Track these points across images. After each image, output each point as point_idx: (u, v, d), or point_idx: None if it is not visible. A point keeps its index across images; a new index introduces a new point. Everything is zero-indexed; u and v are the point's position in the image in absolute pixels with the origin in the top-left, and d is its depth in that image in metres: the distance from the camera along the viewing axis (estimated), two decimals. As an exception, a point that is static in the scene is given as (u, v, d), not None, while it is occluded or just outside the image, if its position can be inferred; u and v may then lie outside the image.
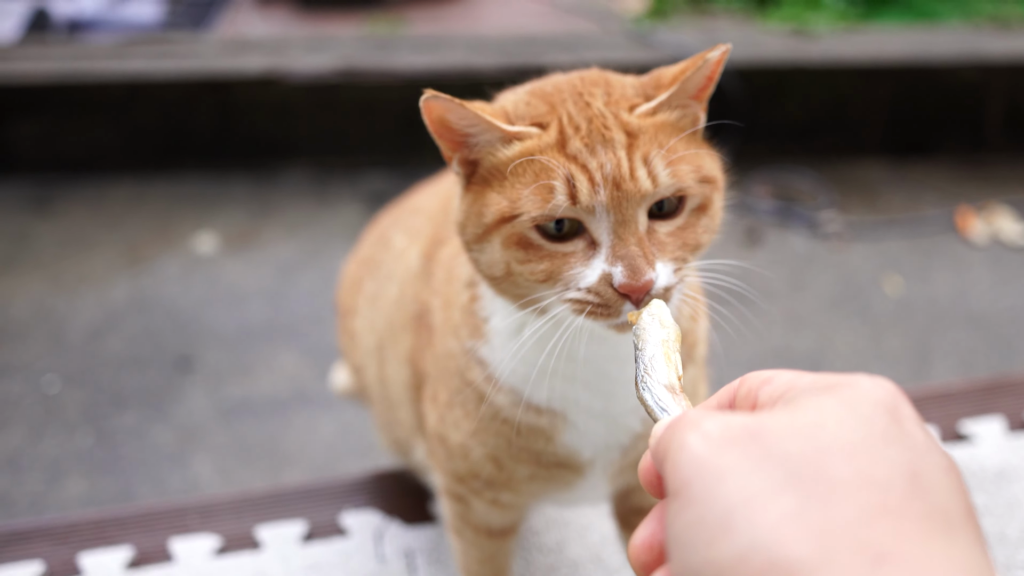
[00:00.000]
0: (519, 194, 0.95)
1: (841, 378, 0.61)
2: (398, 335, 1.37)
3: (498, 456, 1.18)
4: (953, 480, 0.56)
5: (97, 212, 4.11)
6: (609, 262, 0.93)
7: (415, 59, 4.21)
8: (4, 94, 4.19)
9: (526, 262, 0.96)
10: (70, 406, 3.13)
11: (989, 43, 4.37)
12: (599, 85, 1.01)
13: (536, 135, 0.97)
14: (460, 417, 1.18)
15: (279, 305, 3.57)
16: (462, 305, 1.15)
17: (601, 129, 0.95)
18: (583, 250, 0.95)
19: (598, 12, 5.12)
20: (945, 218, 4.01)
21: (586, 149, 0.94)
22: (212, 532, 1.56)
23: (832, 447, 0.55)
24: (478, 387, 1.13)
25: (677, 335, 0.84)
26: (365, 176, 4.24)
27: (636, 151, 0.94)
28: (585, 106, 0.98)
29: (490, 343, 1.11)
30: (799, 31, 4.50)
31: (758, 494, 0.54)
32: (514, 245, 0.96)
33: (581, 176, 0.92)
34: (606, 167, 0.92)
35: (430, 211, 1.42)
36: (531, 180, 0.94)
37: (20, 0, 5.09)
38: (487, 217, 0.97)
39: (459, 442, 1.19)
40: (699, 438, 0.59)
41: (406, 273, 1.37)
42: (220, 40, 4.58)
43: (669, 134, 0.97)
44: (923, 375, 3.23)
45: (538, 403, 1.11)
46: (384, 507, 1.62)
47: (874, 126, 4.41)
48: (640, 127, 0.96)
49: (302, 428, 3.06)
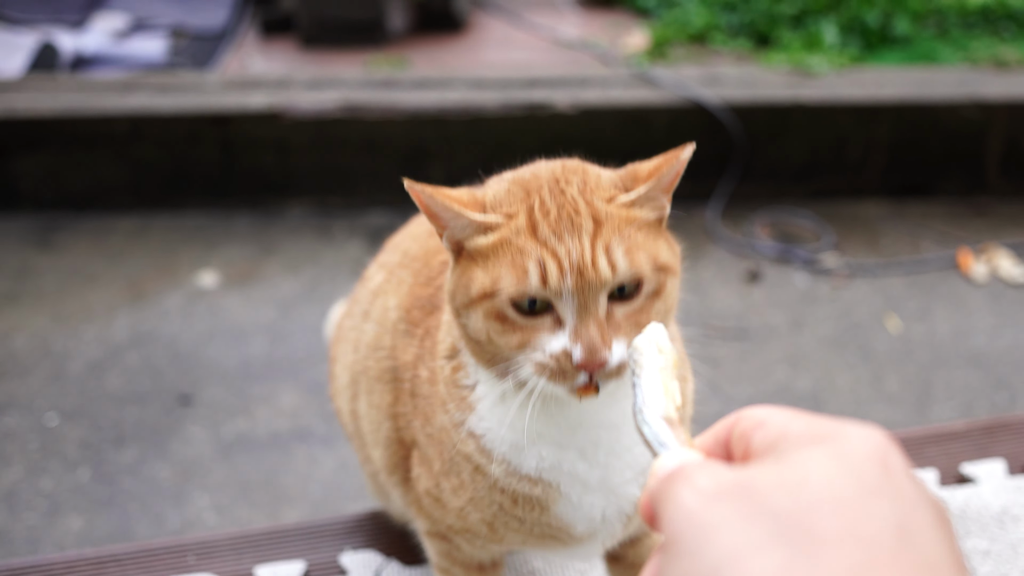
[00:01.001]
0: (498, 274, 1.05)
1: (831, 428, 0.61)
2: (374, 384, 1.39)
3: (493, 522, 1.22)
4: (942, 532, 0.56)
5: (99, 247, 4.13)
6: (571, 339, 1.02)
7: (417, 97, 4.24)
8: (9, 129, 4.22)
9: (502, 333, 1.06)
10: (69, 441, 3.13)
11: (988, 84, 4.40)
12: (576, 173, 1.10)
13: (505, 223, 1.06)
14: (457, 486, 1.23)
15: (280, 341, 3.57)
16: (446, 377, 1.21)
17: (571, 215, 1.04)
18: (550, 325, 1.04)
19: (599, 50, 5.16)
20: (945, 258, 4.02)
21: (554, 235, 1.04)
22: (210, 571, 1.56)
23: (820, 503, 0.56)
24: (472, 459, 1.18)
25: (675, 360, 0.84)
26: (367, 213, 4.26)
27: (599, 239, 1.03)
28: (559, 192, 1.07)
29: (477, 412, 1.17)
30: (799, 71, 4.53)
31: (747, 550, 0.54)
32: (493, 318, 1.06)
33: (551, 261, 1.02)
34: (572, 254, 1.02)
35: (410, 253, 1.45)
36: (508, 263, 1.05)
37: (27, 36, 5.14)
38: (472, 292, 1.07)
39: (457, 507, 1.24)
40: (691, 492, 0.60)
41: (383, 319, 1.40)
42: (224, 77, 4.62)
43: (632, 224, 1.06)
44: (924, 415, 3.22)
45: (529, 472, 1.16)
46: (383, 547, 1.62)
47: (874, 166, 4.43)
48: (607, 215, 1.05)
49: (302, 465, 3.05)
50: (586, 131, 4.21)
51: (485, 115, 4.14)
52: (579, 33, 5.53)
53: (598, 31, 5.54)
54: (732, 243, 4.07)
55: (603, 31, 5.52)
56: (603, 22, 5.70)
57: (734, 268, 3.92)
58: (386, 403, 1.36)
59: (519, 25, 5.64)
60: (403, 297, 1.37)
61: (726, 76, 4.51)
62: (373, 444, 1.43)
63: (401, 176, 1.13)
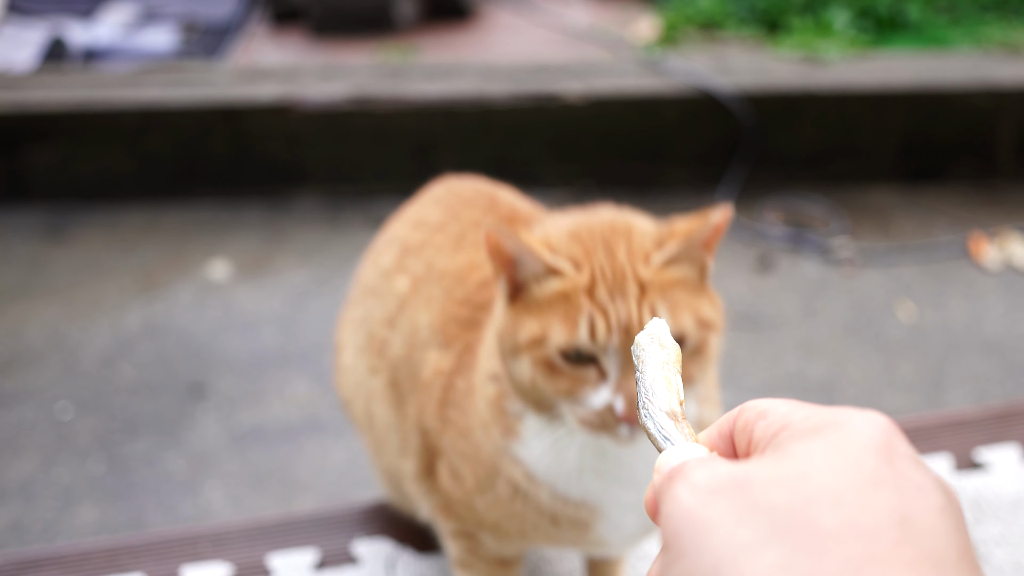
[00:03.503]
0: (550, 324, 1.13)
1: (833, 417, 0.60)
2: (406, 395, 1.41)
3: (527, 532, 1.28)
4: (948, 520, 0.55)
5: (111, 239, 4.14)
6: (613, 392, 1.10)
7: (427, 87, 4.23)
8: (20, 122, 4.23)
9: (549, 380, 1.13)
10: (83, 433, 3.14)
11: (1000, 69, 4.37)
12: (622, 235, 1.17)
13: (572, 275, 1.14)
14: (492, 503, 1.27)
15: (291, 332, 3.57)
16: (488, 398, 1.25)
17: (621, 280, 1.12)
18: (595, 378, 1.12)
19: (609, 39, 5.15)
20: (958, 244, 4.00)
21: (608, 297, 1.12)
22: (224, 560, 1.56)
23: (819, 496, 0.55)
24: (517, 484, 1.24)
25: (677, 356, 0.84)
26: (377, 203, 4.26)
27: (645, 302, 1.12)
28: (611, 257, 1.15)
29: (523, 440, 1.22)
30: (809, 58, 4.51)
31: (745, 547, 0.54)
32: (541, 365, 1.13)
33: (600, 320, 1.10)
34: (621, 314, 1.10)
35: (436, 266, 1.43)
36: (562, 314, 1.12)
37: (37, 30, 5.15)
38: (521, 337, 1.14)
39: (493, 520, 1.29)
40: (687, 490, 0.59)
41: (412, 334, 1.40)
42: (234, 68, 4.62)
43: (674, 285, 1.14)
44: (937, 402, 3.21)
45: (575, 498, 1.22)
46: (396, 536, 1.62)
47: (885, 152, 4.40)
48: (651, 280, 1.13)
49: (314, 455, 3.05)
50: (596, 120, 4.20)
51: (495, 104, 4.13)
52: (588, 21, 5.51)
53: (607, 19, 5.52)
54: (743, 230, 4.05)
55: (612, 19, 5.50)
56: (612, 10, 5.68)
57: (745, 255, 3.91)
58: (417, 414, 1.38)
59: (528, 13, 5.63)
60: (435, 316, 1.39)
61: (736, 63, 4.49)
62: (402, 453, 1.44)
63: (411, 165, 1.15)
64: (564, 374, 1.12)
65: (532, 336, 1.13)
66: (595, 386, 1.11)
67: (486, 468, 1.26)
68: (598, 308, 1.11)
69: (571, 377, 1.12)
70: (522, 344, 1.14)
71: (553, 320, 1.13)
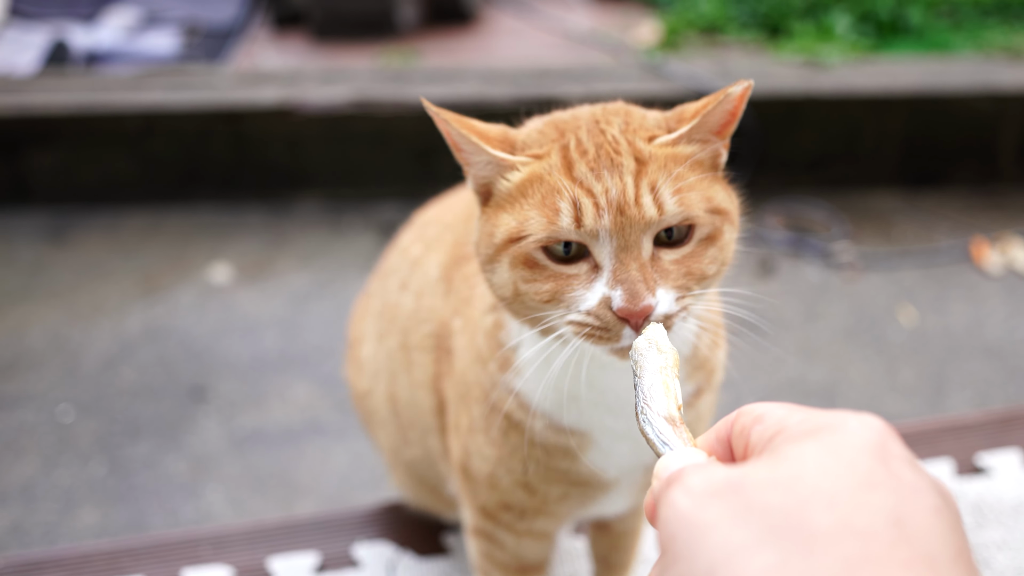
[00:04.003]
0: (527, 215, 0.97)
1: (828, 419, 0.61)
2: (415, 355, 1.34)
3: (528, 481, 1.18)
4: (942, 521, 0.55)
5: (113, 242, 4.14)
6: (609, 286, 0.93)
7: (429, 91, 4.23)
8: (22, 125, 4.24)
9: (531, 281, 0.97)
10: (84, 436, 3.14)
11: (1002, 73, 4.37)
12: (618, 114, 1.03)
13: (532, 162, 0.99)
14: (483, 444, 1.18)
15: (292, 335, 3.57)
16: (486, 330, 1.15)
17: (611, 154, 0.96)
18: (586, 273, 0.96)
19: (611, 43, 5.15)
20: (959, 249, 4.00)
21: (591, 173, 0.95)
22: (225, 563, 1.56)
23: (813, 497, 0.55)
24: (511, 415, 1.14)
25: (675, 360, 0.84)
26: (378, 207, 4.26)
27: (644, 178, 0.95)
28: (599, 132, 0.99)
29: (520, 371, 1.11)
30: (811, 62, 4.51)
31: (740, 548, 0.54)
32: (521, 265, 0.98)
33: (586, 200, 0.93)
34: (611, 192, 0.93)
35: (446, 221, 1.42)
36: (539, 202, 0.96)
37: (39, 33, 5.15)
38: (497, 237, 0.99)
39: (487, 472, 1.20)
40: (683, 493, 0.59)
41: (423, 282, 1.36)
42: (235, 72, 4.63)
43: (683, 165, 0.97)
44: (938, 407, 3.21)
45: (567, 426, 1.13)
46: (397, 539, 1.62)
47: (887, 157, 4.41)
48: (652, 155, 0.97)
49: (315, 458, 3.05)
50: (597, 123, 4.20)
51: (496, 108, 4.13)
52: (590, 25, 5.51)
53: (609, 23, 5.52)
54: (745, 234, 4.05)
55: (614, 23, 5.51)
56: (614, 14, 5.68)
57: (747, 259, 3.90)
58: (429, 375, 1.32)
59: (529, 18, 5.63)
60: (445, 256, 1.33)
61: (738, 68, 4.50)
62: (425, 431, 1.39)
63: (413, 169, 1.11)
64: (548, 273, 0.96)
65: (508, 232, 0.98)
66: (587, 283, 0.95)
67: (481, 406, 1.17)
68: (583, 188, 0.94)
69: (557, 276, 0.96)
70: (498, 244, 0.98)
71: (529, 211, 0.97)
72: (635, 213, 0.93)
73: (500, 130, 1.06)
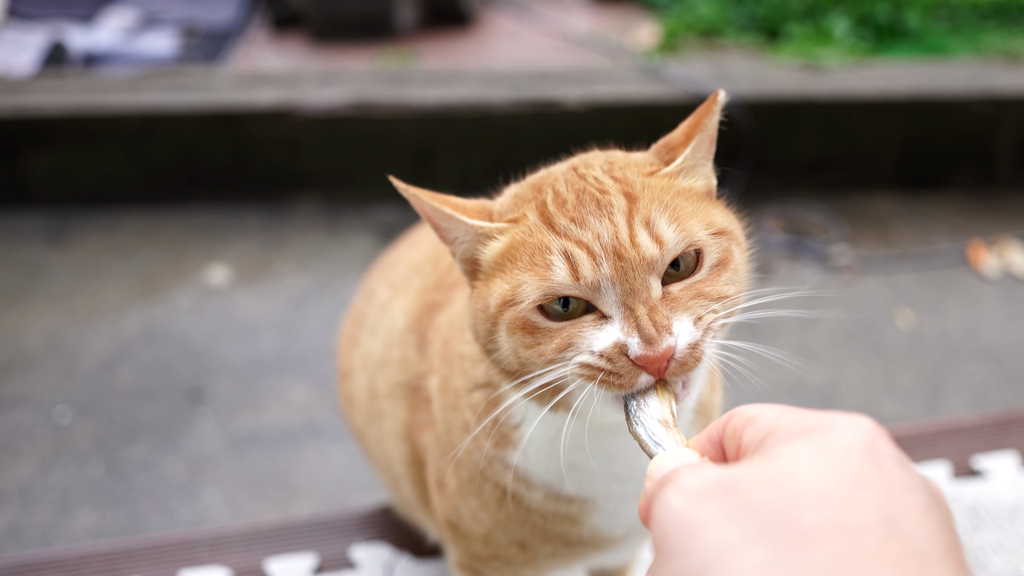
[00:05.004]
0: (518, 279, 0.91)
1: (819, 420, 0.61)
2: (383, 404, 1.32)
3: (523, 540, 1.15)
4: (932, 519, 0.56)
5: (110, 244, 4.14)
6: (624, 332, 0.87)
7: (427, 93, 4.24)
8: (20, 126, 4.23)
9: (533, 346, 0.91)
10: (81, 437, 3.14)
11: (999, 77, 4.38)
12: (598, 157, 1.00)
13: (510, 227, 0.94)
14: (478, 508, 1.15)
15: (290, 337, 3.57)
16: (474, 405, 1.10)
17: (596, 195, 0.91)
18: (592, 322, 0.89)
19: (609, 46, 5.15)
20: (957, 252, 4.01)
21: (574, 223, 0.90)
22: (222, 565, 1.56)
23: (804, 496, 0.56)
24: (505, 487, 1.10)
25: None
26: (376, 209, 4.26)
27: (636, 215, 0.89)
28: (578, 178, 0.94)
29: (521, 450, 1.06)
30: (809, 65, 4.52)
31: (732, 546, 0.55)
32: (519, 330, 0.92)
33: (578, 251, 0.88)
34: (603, 237, 0.88)
35: (413, 260, 1.39)
36: (527, 263, 0.91)
37: (37, 34, 5.15)
38: (492, 308, 0.94)
39: (481, 533, 1.16)
40: (676, 493, 0.60)
41: (390, 330, 1.33)
42: (234, 73, 4.62)
43: (671, 192, 0.93)
44: (935, 409, 3.21)
45: (568, 495, 1.09)
46: (394, 541, 1.62)
47: (885, 160, 4.41)
48: (643, 187, 0.92)
49: (312, 460, 3.05)
50: (596, 126, 4.20)
51: (495, 111, 4.14)
52: (588, 28, 5.52)
53: (607, 26, 5.52)
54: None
55: (612, 26, 5.51)
56: (612, 17, 5.68)
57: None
58: (400, 423, 1.29)
59: (528, 20, 5.63)
60: (411, 303, 1.30)
61: (736, 71, 4.50)
62: (403, 480, 1.37)
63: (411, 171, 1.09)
64: (551, 332, 0.90)
65: (502, 297, 0.92)
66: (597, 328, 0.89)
67: (470, 472, 1.13)
68: (570, 239, 0.88)
69: (562, 331, 0.89)
70: (493, 313, 0.93)
71: (520, 273, 0.91)
72: (634, 255, 0.87)
73: (477, 203, 1.01)
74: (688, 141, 0.96)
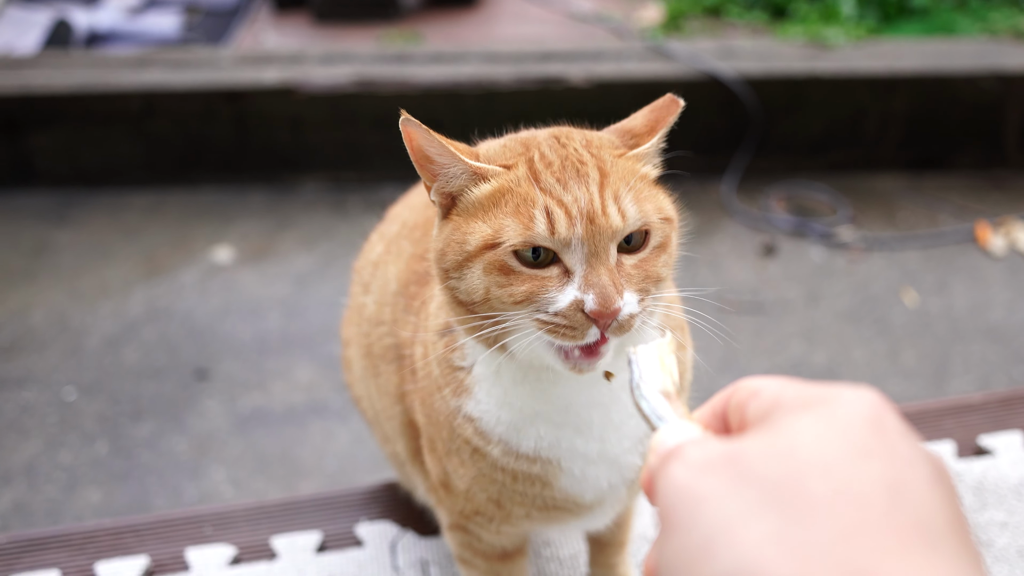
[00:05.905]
0: (502, 223, 1.01)
1: (823, 392, 0.61)
2: (379, 364, 1.37)
3: (498, 499, 1.21)
4: (938, 491, 0.56)
5: (115, 223, 4.14)
6: (581, 290, 0.99)
7: (431, 71, 4.22)
8: (24, 105, 4.23)
9: (505, 286, 1.01)
10: (87, 416, 3.15)
11: (1007, 55, 4.35)
12: (575, 133, 1.10)
13: (503, 172, 1.04)
14: (458, 465, 1.21)
15: (295, 316, 3.58)
16: (439, 357, 1.18)
17: (576, 165, 1.03)
18: (557, 276, 1.01)
19: (614, 24, 5.13)
20: (963, 232, 3.99)
21: (559, 184, 1.01)
22: (227, 542, 1.57)
23: (809, 466, 0.56)
24: (470, 442, 1.17)
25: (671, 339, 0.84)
26: (381, 188, 4.25)
27: (607, 188, 1.01)
28: (560, 147, 1.05)
29: (474, 395, 1.15)
30: (815, 43, 4.49)
31: (738, 517, 0.55)
32: (496, 271, 1.02)
33: (558, 210, 0.99)
34: (581, 202, 0.99)
35: (408, 222, 1.44)
36: (512, 210, 1.02)
37: (41, 13, 5.14)
38: (470, 244, 1.03)
39: (463, 488, 1.23)
40: (680, 466, 0.60)
41: (383, 290, 1.38)
42: (237, 53, 4.61)
43: (635, 175, 1.05)
44: (941, 388, 3.21)
45: (527, 452, 1.14)
46: (399, 518, 1.62)
47: (891, 139, 4.39)
48: (613, 165, 1.04)
49: (317, 439, 3.06)
50: (600, 105, 4.19)
51: (499, 89, 4.12)
52: (593, 6, 5.49)
53: (612, 4, 5.50)
54: (748, 217, 4.05)
55: (617, 4, 5.49)
56: (618, -5, 5.66)
57: (750, 242, 3.90)
58: (393, 385, 1.34)
59: (533, -2, 5.61)
60: (402, 269, 1.35)
61: (741, 49, 4.48)
62: (394, 435, 1.41)
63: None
64: (523, 277, 1.01)
65: (483, 239, 1.02)
66: (559, 286, 1.00)
67: (447, 429, 1.19)
68: (553, 198, 1.00)
69: (531, 279, 1.00)
70: (472, 251, 1.02)
71: (503, 219, 1.01)
72: (603, 222, 0.99)
73: (466, 145, 1.10)
74: (653, 134, 1.08)
